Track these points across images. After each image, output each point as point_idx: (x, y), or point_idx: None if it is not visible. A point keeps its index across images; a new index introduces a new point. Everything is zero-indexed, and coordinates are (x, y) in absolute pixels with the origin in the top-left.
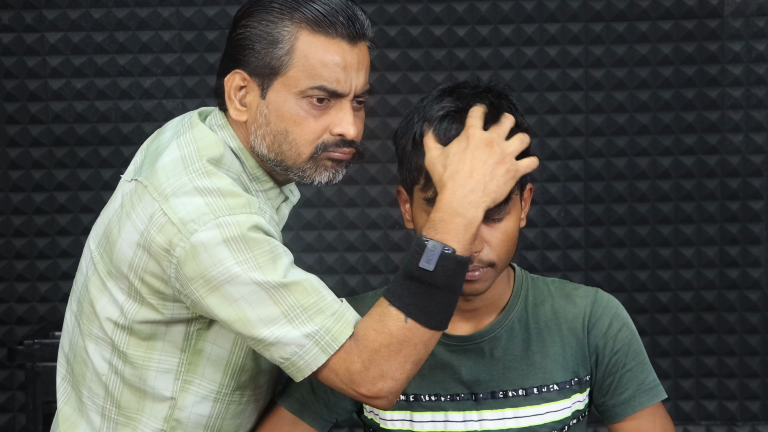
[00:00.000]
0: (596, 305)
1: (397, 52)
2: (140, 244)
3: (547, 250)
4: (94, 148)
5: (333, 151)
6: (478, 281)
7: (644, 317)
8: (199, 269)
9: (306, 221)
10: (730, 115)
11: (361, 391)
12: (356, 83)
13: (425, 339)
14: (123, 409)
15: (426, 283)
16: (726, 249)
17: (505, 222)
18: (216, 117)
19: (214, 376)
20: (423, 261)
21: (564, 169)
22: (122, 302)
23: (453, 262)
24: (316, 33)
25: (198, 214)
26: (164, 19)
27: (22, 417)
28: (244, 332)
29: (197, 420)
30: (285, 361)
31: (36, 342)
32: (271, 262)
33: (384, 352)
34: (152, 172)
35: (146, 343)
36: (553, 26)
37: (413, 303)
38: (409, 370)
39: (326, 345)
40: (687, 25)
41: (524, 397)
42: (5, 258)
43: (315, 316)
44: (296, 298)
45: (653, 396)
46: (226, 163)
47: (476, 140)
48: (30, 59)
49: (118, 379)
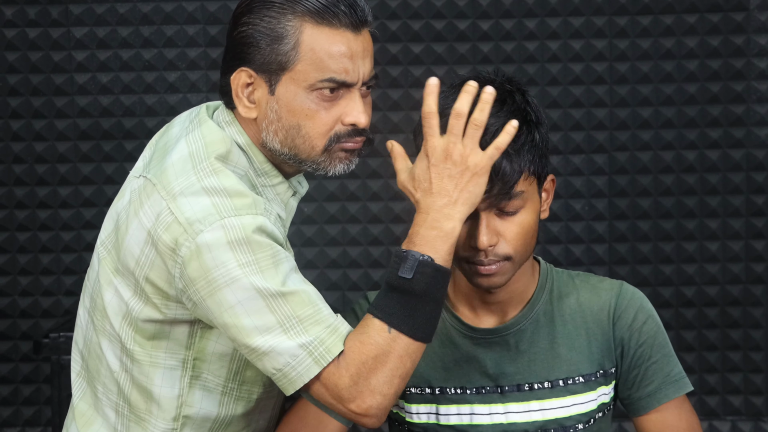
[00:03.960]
0: (621, 297)
1: (421, 45)
2: (147, 242)
3: (571, 244)
4: (119, 142)
5: (346, 141)
6: (495, 275)
7: (669, 311)
8: (202, 270)
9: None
10: (756, 108)
11: (350, 407)
12: (363, 71)
13: (410, 351)
14: (133, 407)
15: (406, 291)
16: (751, 243)
17: (521, 215)
18: (223, 113)
19: (220, 371)
20: (402, 270)
21: (588, 163)
22: (128, 299)
23: (431, 269)
24: (320, 25)
25: (204, 214)
26: (189, 13)
27: (47, 410)
28: (239, 339)
29: (206, 414)
30: (277, 373)
31: (61, 335)
32: (272, 267)
33: (370, 364)
34: (161, 170)
35: (151, 342)
36: (578, 20)
37: (396, 313)
38: (397, 384)
39: (319, 356)
40: (712, 18)
41: (550, 390)
42: (31, 251)
43: (310, 327)
44: (293, 308)
45: (679, 388)
46: (233, 159)
47: (436, 155)
48: (56, 54)
49: (128, 377)
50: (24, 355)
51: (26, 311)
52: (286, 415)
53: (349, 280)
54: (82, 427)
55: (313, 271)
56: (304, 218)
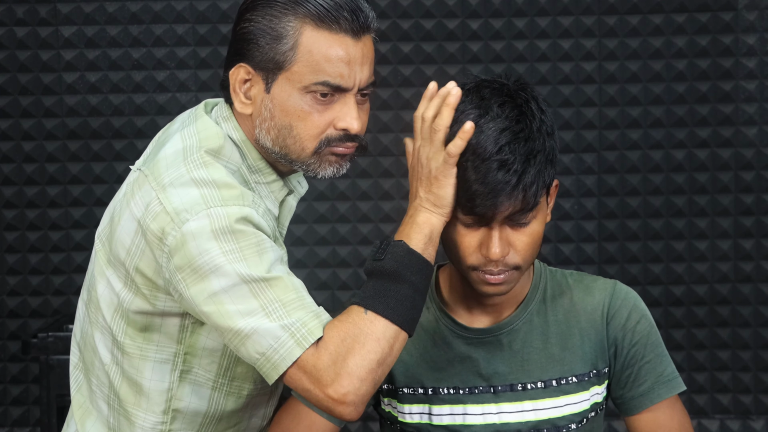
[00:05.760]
0: (615, 297)
1: (410, 45)
2: (137, 232)
3: (561, 243)
4: (108, 142)
5: (336, 146)
6: (504, 284)
7: (658, 310)
8: (187, 258)
9: (319, 214)
10: (744, 108)
11: (328, 392)
12: (360, 77)
13: (388, 335)
14: (122, 401)
15: (379, 272)
16: (740, 242)
17: (532, 225)
18: (222, 109)
19: (211, 366)
20: (376, 255)
21: (577, 162)
22: (119, 291)
23: (402, 251)
24: (320, 28)
25: (191, 204)
26: (178, 12)
27: (36, 410)
28: (222, 324)
29: (196, 409)
30: (260, 357)
31: (50, 335)
32: (256, 255)
33: (348, 343)
34: (154, 162)
35: (142, 334)
36: (567, 19)
37: (371, 295)
38: (374, 370)
39: (301, 338)
40: (701, 17)
41: (543, 390)
42: (19, 251)
43: (293, 311)
44: (276, 293)
45: (672, 388)
46: (225, 154)
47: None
48: (44, 53)
49: (118, 370)
50: (12, 355)
51: (14, 311)
52: (277, 415)
53: (339, 279)
54: (79, 419)
55: (303, 270)
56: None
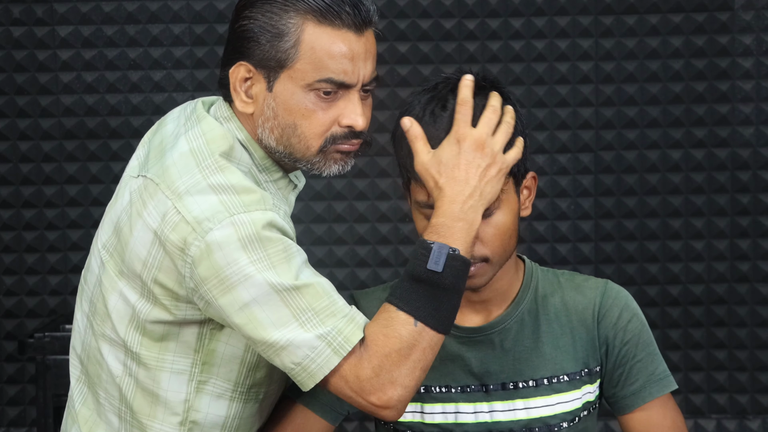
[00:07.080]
0: (606, 296)
1: (407, 45)
2: (154, 243)
3: (557, 243)
4: (105, 141)
5: (342, 143)
6: (474, 276)
7: (654, 310)
8: (213, 269)
9: (316, 214)
10: (741, 108)
11: (371, 400)
12: (363, 73)
13: (433, 343)
14: (135, 413)
15: (434, 284)
16: (736, 242)
17: (497, 216)
18: (221, 108)
19: (229, 375)
20: (431, 263)
21: (574, 162)
22: (134, 302)
23: (460, 263)
24: (322, 24)
25: (212, 212)
26: (175, 12)
27: (32, 410)
28: (255, 336)
29: (214, 420)
30: (296, 367)
31: (46, 335)
32: (284, 261)
33: (394, 357)
34: (163, 169)
35: (159, 344)
36: (564, 19)
37: (422, 306)
38: (418, 377)
39: (338, 346)
40: (697, 17)
41: (534, 389)
42: (16, 251)
43: (326, 319)
44: (308, 301)
45: (663, 386)
46: (236, 156)
47: (468, 143)
48: (41, 53)
49: (132, 381)
50: (9, 355)
51: (11, 311)
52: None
53: (335, 279)
54: None
55: None
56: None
